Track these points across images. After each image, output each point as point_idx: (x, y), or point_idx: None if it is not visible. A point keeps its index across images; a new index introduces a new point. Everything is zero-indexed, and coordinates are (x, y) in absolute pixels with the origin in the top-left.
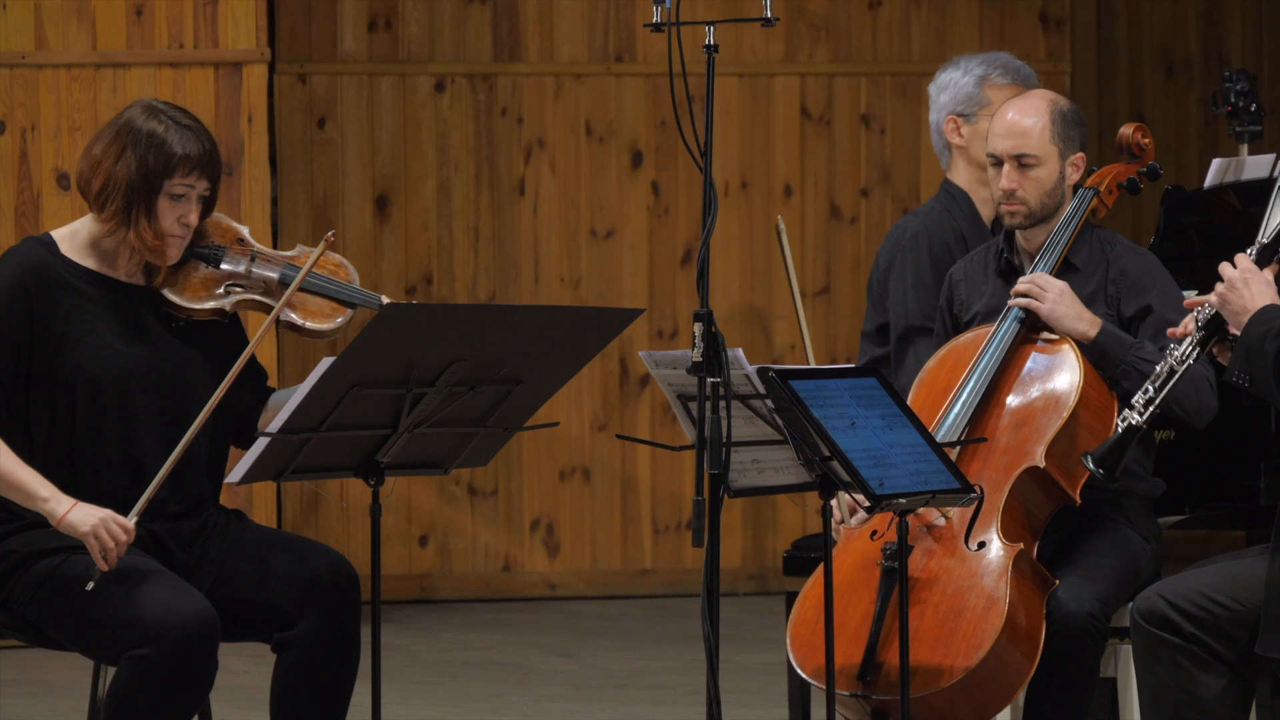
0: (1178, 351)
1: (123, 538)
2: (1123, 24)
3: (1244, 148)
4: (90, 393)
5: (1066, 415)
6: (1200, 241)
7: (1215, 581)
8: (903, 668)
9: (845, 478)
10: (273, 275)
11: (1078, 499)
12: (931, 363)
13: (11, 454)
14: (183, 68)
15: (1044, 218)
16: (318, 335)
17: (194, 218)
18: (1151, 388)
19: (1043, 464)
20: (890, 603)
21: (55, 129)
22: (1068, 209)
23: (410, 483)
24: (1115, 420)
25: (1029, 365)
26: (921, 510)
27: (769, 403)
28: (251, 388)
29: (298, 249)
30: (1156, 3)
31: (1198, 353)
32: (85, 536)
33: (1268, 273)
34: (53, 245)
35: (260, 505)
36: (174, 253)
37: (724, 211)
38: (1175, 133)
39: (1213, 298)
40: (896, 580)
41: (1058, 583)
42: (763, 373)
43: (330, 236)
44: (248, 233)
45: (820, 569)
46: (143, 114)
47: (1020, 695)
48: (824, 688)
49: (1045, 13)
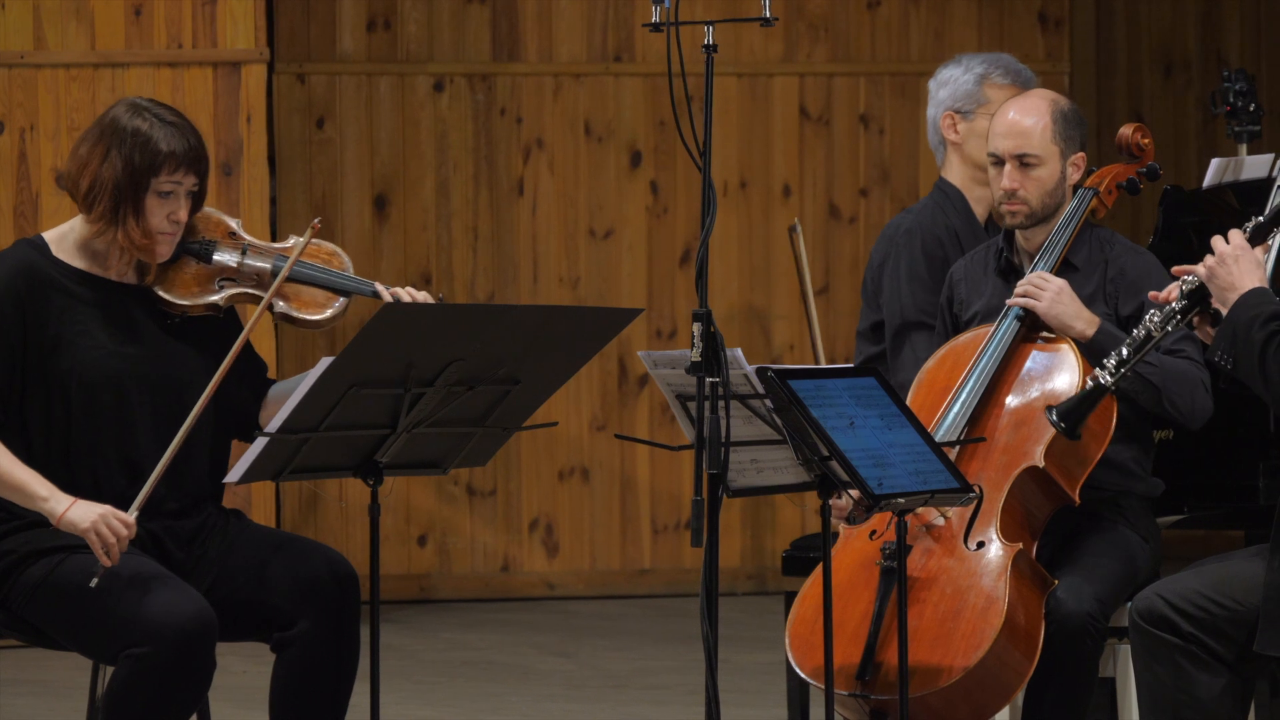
0: (1157, 317)
1: (123, 532)
2: (1121, 24)
3: (1243, 148)
4: (84, 394)
5: None
6: (1199, 241)
7: (1214, 581)
8: (901, 667)
9: (844, 477)
10: (265, 267)
11: (1077, 499)
12: (931, 363)
13: (9, 455)
14: (181, 67)
15: (1045, 218)
16: (313, 325)
17: (183, 214)
18: (1126, 349)
19: (1042, 464)
20: (889, 602)
21: (54, 129)
22: (1067, 209)
23: (409, 482)
24: (1112, 422)
25: (1028, 365)
26: (920, 510)
27: (768, 403)
28: (250, 381)
29: (291, 240)
30: (1155, 3)
31: (1177, 321)
32: (86, 533)
33: (1259, 252)
34: (44, 247)
35: (259, 505)
36: (165, 250)
37: (723, 211)
38: (1174, 133)
39: (1201, 269)
40: (895, 580)
41: (1056, 582)
42: (761, 373)
43: (317, 223)
44: (239, 226)
45: (819, 569)
46: (127, 112)
47: (1019, 695)
48: (823, 687)
49: (1044, 13)
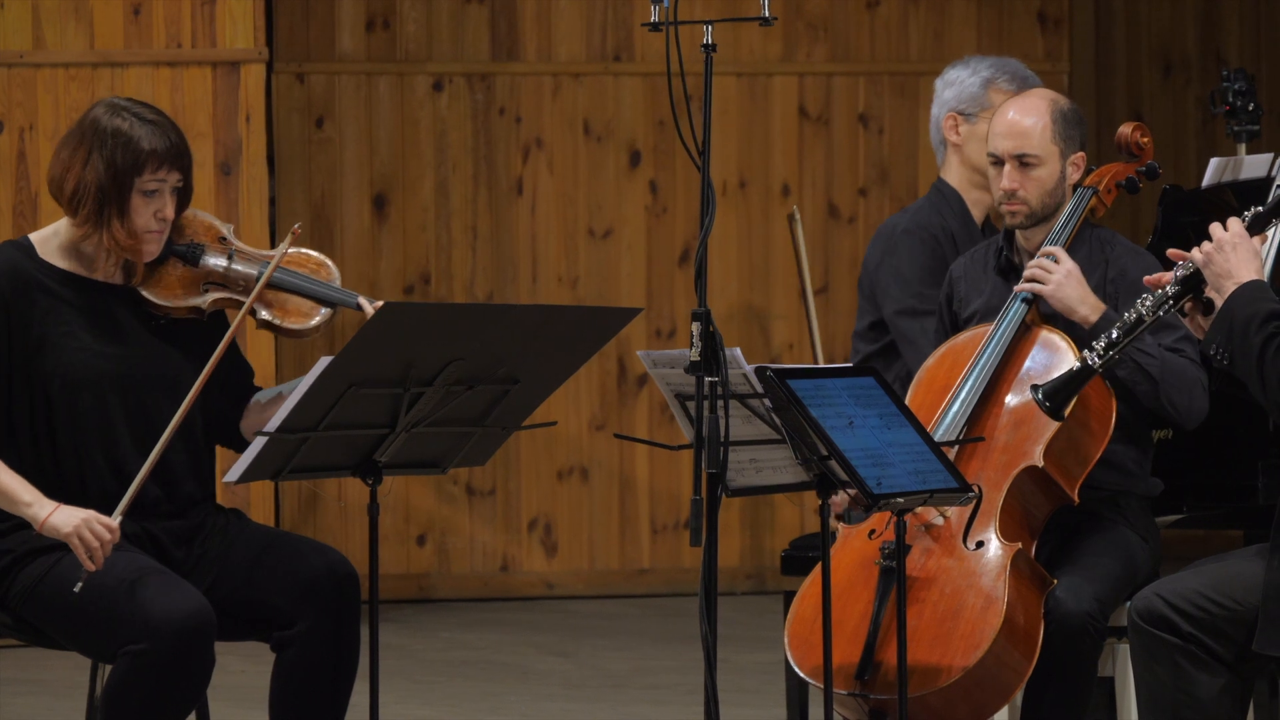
0: (1149, 301)
1: (106, 537)
2: (1121, 24)
3: (1242, 147)
4: (68, 395)
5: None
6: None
7: (1213, 581)
8: (900, 667)
9: (843, 477)
10: (251, 273)
11: (1076, 499)
12: (930, 361)
13: None
14: (180, 67)
15: (1045, 217)
16: (295, 334)
17: (170, 211)
18: (1116, 331)
19: (1041, 464)
20: (888, 602)
21: (53, 128)
22: (1067, 208)
23: (408, 482)
24: (1111, 422)
25: (1028, 364)
26: (920, 509)
27: (767, 402)
28: (233, 388)
29: (279, 247)
30: (1154, 2)
31: (1170, 306)
32: (68, 538)
33: (1256, 242)
34: (30, 249)
35: (258, 505)
36: (153, 248)
37: (722, 211)
38: (1173, 132)
39: (1197, 255)
40: (895, 579)
41: (1056, 582)
42: (760, 372)
43: (296, 229)
44: (231, 232)
45: (818, 568)
46: (106, 113)
47: (1018, 695)
48: (822, 687)
49: (1043, 12)
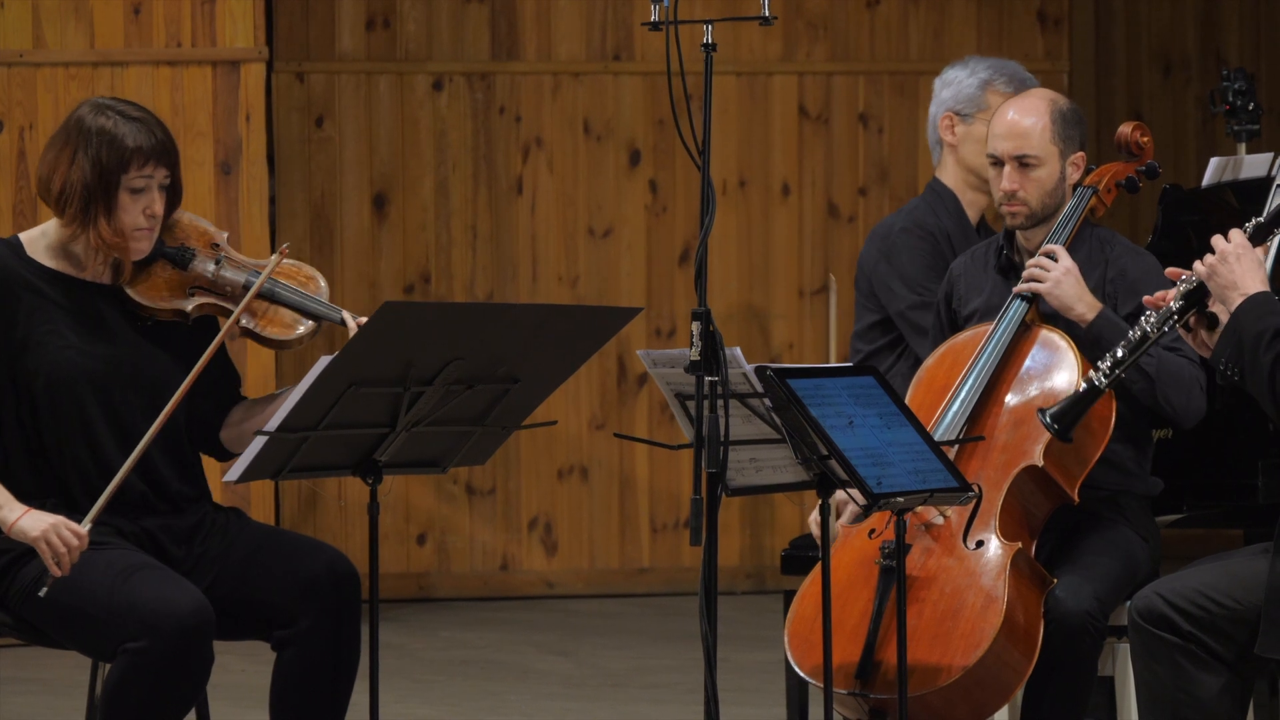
0: (1154, 318)
1: (74, 543)
2: (1120, 23)
3: (1242, 146)
4: (52, 394)
5: None
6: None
7: (1213, 580)
8: (900, 666)
9: (843, 476)
10: (238, 280)
11: (1076, 498)
12: (930, 361)
13: None
14: (180, 66)
15: (1045, 217)
16: (276, 345)
17: (159, 207)
18: (1121, 350)
19: (1041, 463)
20: (888, 601)
21: (53, 128)
22: (1066, 207)
23: (408, 481)
24: (1111, 421)
25: (1028, 364)
26: (920, 509)
27: (767, 401)
28: (217, 395)
29: (270, 260)
30: (1154, 2)
31: (1174, 320)
32: (35, 542)
33: (1259, 252)
34: (18, 247)
35: (258, 504)
36: (144, 246)
37: (722, 210)
38: (1173, 132)
39: (1200, 268)
40: (895, 579)
41: (1056, 581)
42: (760, 371)
43: (285, 249)
44: (225, 239)
45: (818, 567)
46: (91, 112)
47: (1018, 694)
48: (822, 686)
49: (1043, 12)
